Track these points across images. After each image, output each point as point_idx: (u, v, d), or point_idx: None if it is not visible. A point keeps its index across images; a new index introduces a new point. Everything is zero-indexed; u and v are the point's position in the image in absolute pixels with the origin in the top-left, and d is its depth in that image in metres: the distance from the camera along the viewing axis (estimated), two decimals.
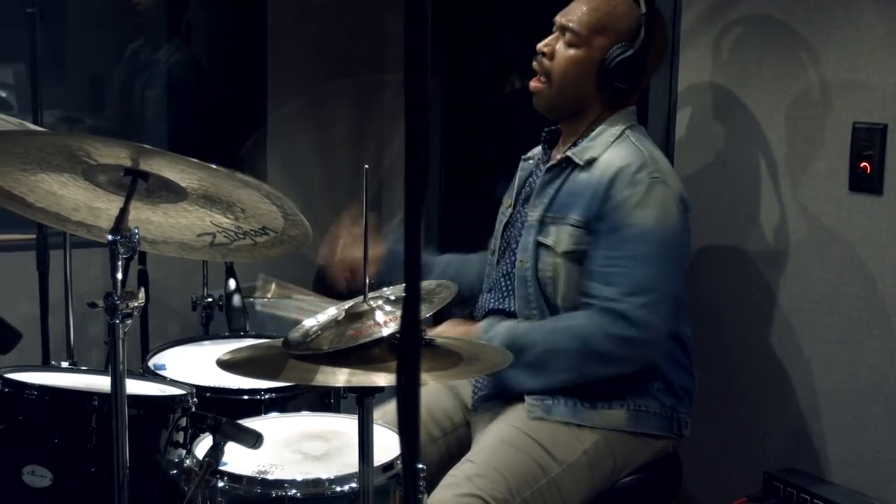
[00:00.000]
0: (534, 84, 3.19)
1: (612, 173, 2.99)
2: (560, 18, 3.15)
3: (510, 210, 3.29)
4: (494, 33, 4.95)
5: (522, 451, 2.93)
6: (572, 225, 3.02)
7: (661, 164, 3.05)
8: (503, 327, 3.07)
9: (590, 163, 3.06)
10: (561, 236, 3.04)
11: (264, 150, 5.24)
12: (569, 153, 3.11)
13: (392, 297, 2.27)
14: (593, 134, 3.13)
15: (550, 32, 3.16)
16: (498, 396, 3.14)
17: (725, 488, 3.49)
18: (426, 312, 2.32)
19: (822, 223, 3.21)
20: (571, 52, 3.11)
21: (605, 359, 2.96)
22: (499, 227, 3.32)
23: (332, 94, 5.31)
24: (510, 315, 3.16)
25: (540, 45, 3.17)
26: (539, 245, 3.07)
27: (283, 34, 5.22)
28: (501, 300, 3.21)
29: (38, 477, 2.60)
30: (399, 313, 1.73)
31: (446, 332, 3.10)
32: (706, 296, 3.54)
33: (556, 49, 3.13)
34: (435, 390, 3.28)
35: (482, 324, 3.15)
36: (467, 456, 2.98)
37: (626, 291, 2.94)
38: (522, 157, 3.40)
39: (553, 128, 3.30)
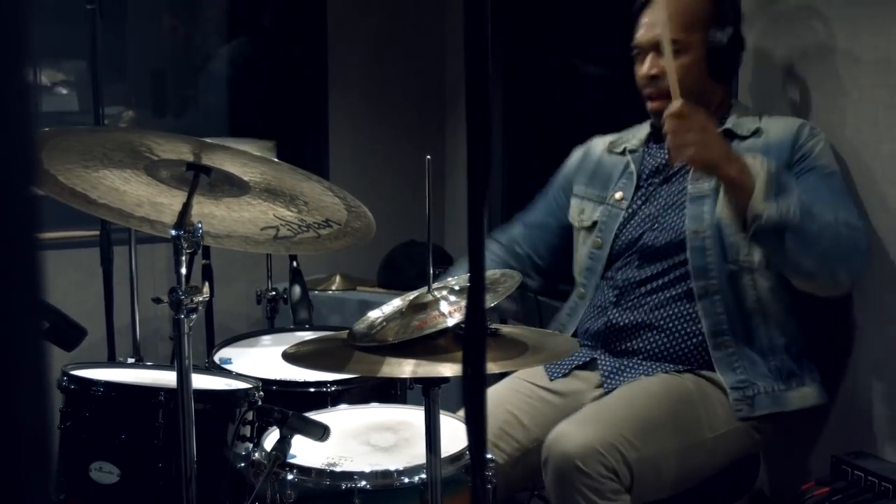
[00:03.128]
0: (655, 105, 3.13)
1: (793, 131, 3.04)
2: (646, 38, 3.13)
3: (626, 202, 3.24)
4: (556, 19, 4.92)
5: (670, 410, 2.96)
6: None
7: None
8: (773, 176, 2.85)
9: (753, 132, 3.09)
10: None
11: (326, 142, 5.24)
12: (728, 125, 3.12)
13: (456, 288, 2.26)
14: (733, 116, 3.16)
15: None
16: (630, 371, 3.13)
17: (794, 472, 3.46)
18: (491, 302, 2.31)
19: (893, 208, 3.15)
20: (680, 60, 3.02)
21: (852, 251, 2.91)
22: (609, 222, 3.25)
23: (392, 85, 5.31)
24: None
25: (645, 72, 3.13)
26: None
27: (344, 25, 5.22)
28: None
29: (105, 473, 2.62)
30: (464, 303, 1.72)
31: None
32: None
33: (661, 67, 3.07)
34: (500, 418, 3.11)
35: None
36: (606, 399, 3.02)
37: (852, 212, 2.94)
38: (627, 150, 3.34)
39: None
